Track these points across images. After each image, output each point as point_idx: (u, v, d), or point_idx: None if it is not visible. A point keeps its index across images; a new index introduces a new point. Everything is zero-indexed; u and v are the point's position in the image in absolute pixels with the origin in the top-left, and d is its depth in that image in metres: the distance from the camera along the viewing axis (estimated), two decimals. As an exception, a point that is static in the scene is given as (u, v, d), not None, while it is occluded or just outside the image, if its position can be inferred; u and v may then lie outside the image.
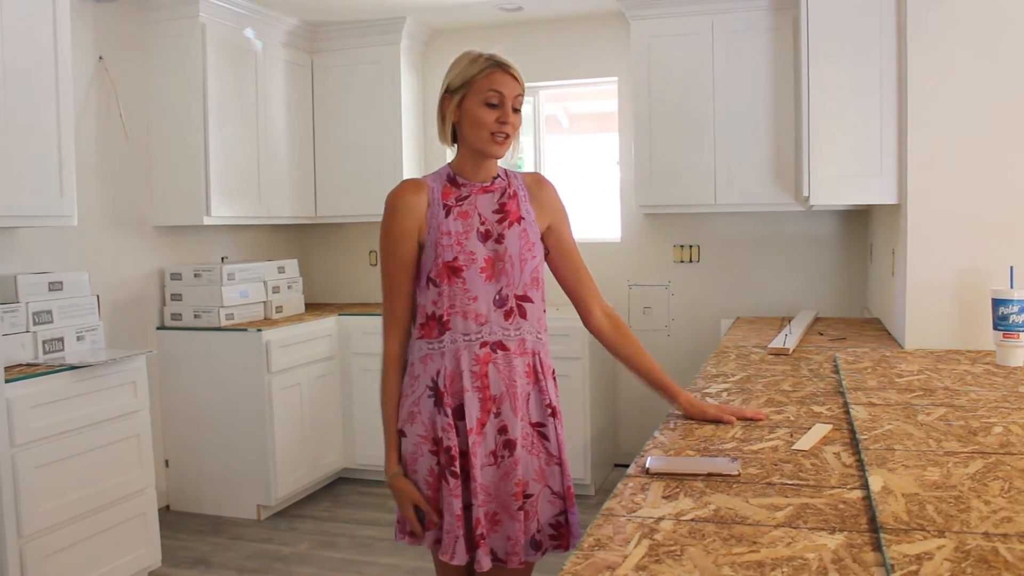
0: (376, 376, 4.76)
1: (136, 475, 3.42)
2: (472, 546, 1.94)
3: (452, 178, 2.01)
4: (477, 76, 1.93)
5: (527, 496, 1.98)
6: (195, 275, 4.33)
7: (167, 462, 4.42)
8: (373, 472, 4.91)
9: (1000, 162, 2.79)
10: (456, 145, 2.05)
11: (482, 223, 1.98)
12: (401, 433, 2.00)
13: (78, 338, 3.46)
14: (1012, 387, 2.21)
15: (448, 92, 1.98)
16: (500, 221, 1.99)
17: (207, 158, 4.26)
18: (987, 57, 2.78)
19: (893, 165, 3.01)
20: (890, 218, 3.39)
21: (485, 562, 1.92)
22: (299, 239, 5.57)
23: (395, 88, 4.98)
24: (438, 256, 1.93)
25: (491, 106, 1.93)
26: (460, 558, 1.92)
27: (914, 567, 1.08)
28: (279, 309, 4.70)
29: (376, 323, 4.79)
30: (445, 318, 1.95)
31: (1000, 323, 2.54)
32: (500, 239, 1.97)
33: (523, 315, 2.00)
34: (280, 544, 3.99)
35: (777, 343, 3.07)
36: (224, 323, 4.31)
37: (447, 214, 1.96)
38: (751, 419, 1.96)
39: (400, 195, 1.99)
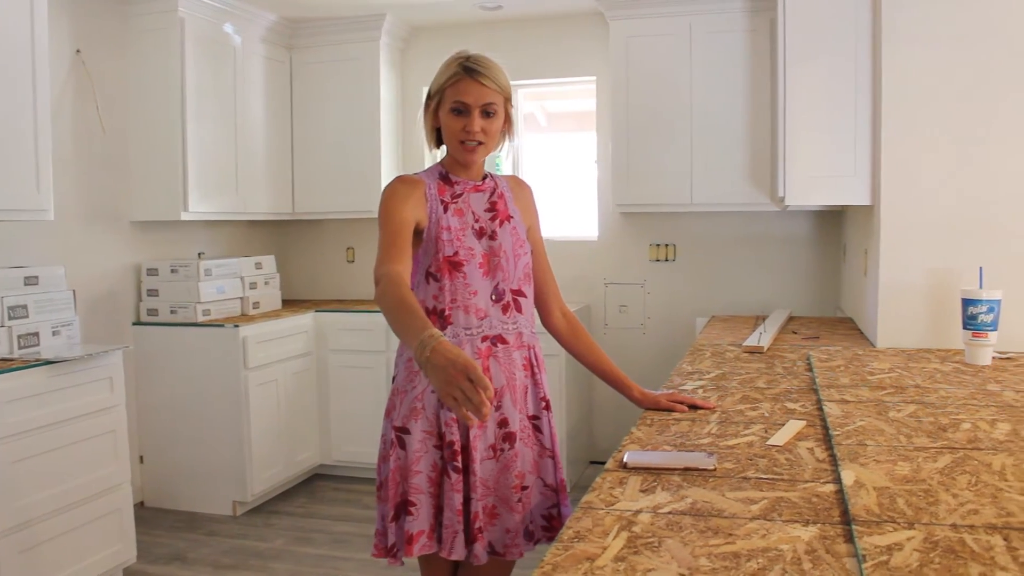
0: (358, 372, 4.76)
1: (112, 471, 3.40)
2: (469, 540, 1.95)
3: (445, 176, 2.05)
4: (446, 84, 1.99)
5: (523, 488, 2.01)
6: (172, 270, 4.31)
7: (142, 458, 4.40)
8: (349, 468, 4.92)
9: (971, 164, 2.84)
10: (444, 147, 2.09)
11: (476, 221, 2.02)
12: (404, 431, 1.99)
13: (53, 333, 3.44)
14: (980, 385, 2.26)
15: (428, 99, 2.03)
16: (492, 219, 2.04)
17: (185, 153, 4.24)
18: (960, 62, 2.83)
19: (867, 166, 3.06)
20: (863, 219, 3.44)
21: (482, 556, 1.94)
22: (276, 235, 5.55)
23: (374, 85, 4.99)
24: (438, 251, 1.96)
25: (458, 115, 1.97)
26: (459, 553, 1.93)
27: (885, 557, 1.11)
28: (256, 305, 4.69)
29: (353, 319, 4.80)
30: (447, 312, 1.97)
31: (969, 322, 2.59)
32: (494, 236, 2.02)
33: (519, 309, 2.04)
34: (256, 540, 3.99)
35: (752, 341, 3.11)
36: (201, 319, 4.29)
37: (445, 210, 1.99)
38: (701, 407, 2.03)
39: (399, 183, 2.01)
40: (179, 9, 4.17)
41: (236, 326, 4.24)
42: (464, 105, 1.96)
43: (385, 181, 4.98)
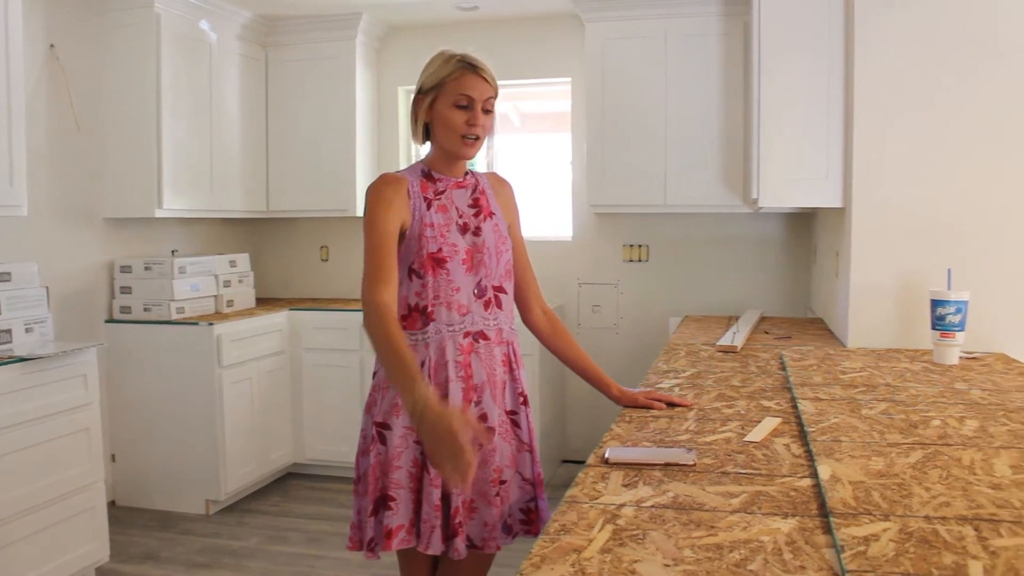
0: (332, 371, 4.76)
1: (85, 469, 3.38)
2: (447, 535, 1.97)
3: (427, 173, 2.06)
4: (448, 78, 1.99)
5: (501, 483, 2.03)
6: (146, 268, 4.29)
7: (113, 456, 4.37)
8: (323, 467, 4.92)
9: (940, 169, 2.91)
10: (428, 143, 2.10)
11: (460, 216, 2.04)
12: (385, 426, 2.00)
13: (27, 330, 3.41)
14: (948, 383, 2.32)
15: (420, 93, 2.03)
16: (476, 215, 2.06)
17: (160, 150, 4.22)
18: (930, 68, 2.90)
19: (839, 170, 3.12)
20: (834, 221, 3.50)
21: (462, 549, 1.96)
22: (250, 233, 5.53)
23: (350, 84, 4.99)
24: (422, 248, 1.97)
25: (461, 108, 1.98)
26: (436, 548, 1.95)
27: (862, 548, 1.15)
28: (230, 303, 4.67)
29: (327, 318, 4.80)
30: (429, 309, 1.98)
31: (938, 323, 2.65)
32: (478, 232, 2.04)
33: (499, 306, 2.06)
34: (230, 539, 3.98)
35: (725, 341, 3.15)
36: (175, 316, 4.27)
37: (428, 207, 2.00)
38: (678, 405, 2.09)
39: (384, 183, 2.01)
40: (155, 5, 4.15)
41: (210, 324, 4.22)
42: (469, 99, 1.98)
43: (360, 180, 5.00)
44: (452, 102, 1.99)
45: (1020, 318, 2.88)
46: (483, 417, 2.02)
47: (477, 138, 2.01)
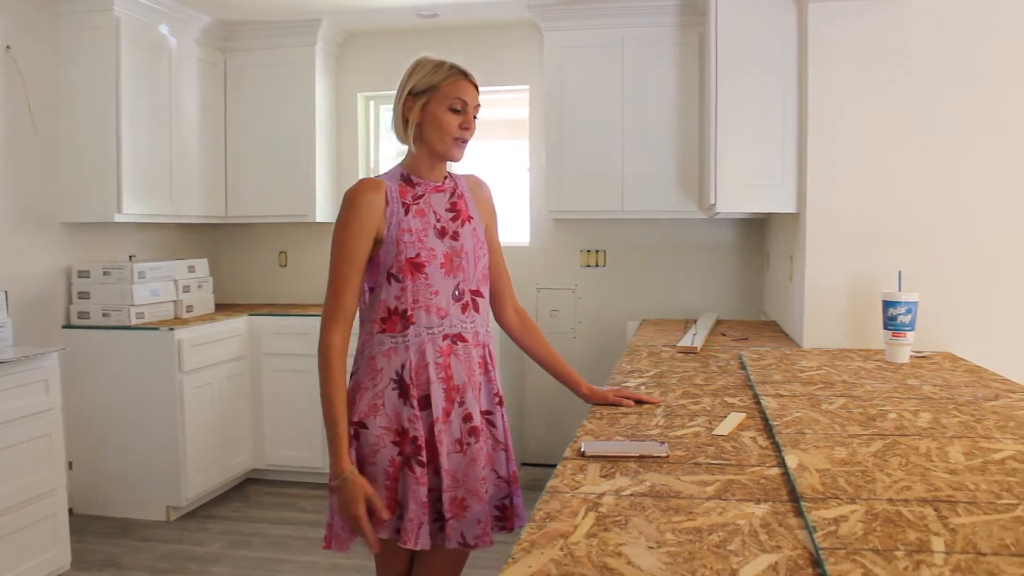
0: (292, 376, 4.74)
1: (46, 475, 3.36)
2: (438, 529, 2.01)
3: (407, 178, 2.10)
4: (442, 83, 2.03)
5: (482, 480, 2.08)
6: (104, 273, 4.25)
7: (71, 464, 4.31)
8: (283, 472, 4.91)
9: (890, 175, 3.03)
10: (411, 145, 2.12)
11: (437, 220, 2.08)
12: (361, 425, 2.03)
13: (-14, 335, 3.38)
14: (901, 380, 2.43)
15: (411, 95, 2.06)
16: (454, 219, 2.10)
17: (119, 154, 4.19)
18: (881, 79, 3.02)
19: (793, 176, 3.24)
20: (788, 226, 3.62)
21: (454, 538, 2.00)
22: (208, 239, 5.51)
23: (309, 90, 5.00)
24: (400, 253, 2.01)
25: (455, 112, 2.03)
26: (424, 543, 1.99)
27: (833, 528, 1.23)
28: (190, 308, 4.65)
29: (287, 323, 4.80)
30: (409, 312, 2.02)
31: (889, 323, 2.77)
32: (456, 236, 2.08)
33: (476, 309, 2.11)
34: (192, 544, 3.96)
35: (685, 342, 3.24)
36: (134, 322, 4.24)
37: (406, 212, 2.04)
38: (646, 402, 2.19)
39: (362, 192, 2.03)
40: (114, 8, 4.12)
41: (171, 329, 4.20)
42: (464, 104, 2.04)
43: (319, 186, 5.02)
44: (448, 106, 2.04)
45: (965, 319, 3.01)
46: (468, 417, 2.06)
47: (465, 141, 2.07)
